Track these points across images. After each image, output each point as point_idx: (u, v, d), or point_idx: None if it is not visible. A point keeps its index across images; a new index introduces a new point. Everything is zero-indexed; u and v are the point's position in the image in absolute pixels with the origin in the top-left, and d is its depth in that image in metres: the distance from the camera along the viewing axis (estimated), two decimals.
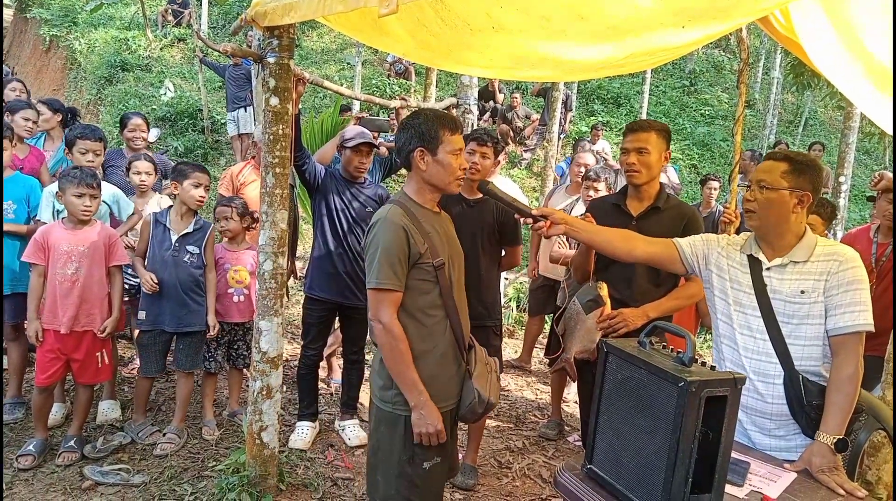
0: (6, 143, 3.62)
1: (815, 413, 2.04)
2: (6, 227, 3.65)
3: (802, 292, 2.05)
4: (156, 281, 3.47)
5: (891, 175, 3.84)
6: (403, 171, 8.72)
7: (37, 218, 3.73)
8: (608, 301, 2.77)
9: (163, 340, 3.58)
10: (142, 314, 3.57)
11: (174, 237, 3.54)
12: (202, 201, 3.58)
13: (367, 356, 4.07)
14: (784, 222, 2.09)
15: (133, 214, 3.99)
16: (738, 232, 3.69)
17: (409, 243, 2.12)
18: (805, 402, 2.05)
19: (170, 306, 3.52)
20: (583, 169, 4.87)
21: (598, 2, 1.84)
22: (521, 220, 2.33)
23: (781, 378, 2.08)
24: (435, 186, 2.23)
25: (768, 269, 2.13)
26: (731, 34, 2.63)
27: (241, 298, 3.83)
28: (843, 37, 2.22)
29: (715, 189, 6.72)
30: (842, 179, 7.33)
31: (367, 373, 3.91)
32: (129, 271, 3.82)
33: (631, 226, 2.88)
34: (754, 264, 2.16)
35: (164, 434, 3.55)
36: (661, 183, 2.97)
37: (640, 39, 2.16)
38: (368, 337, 4.07)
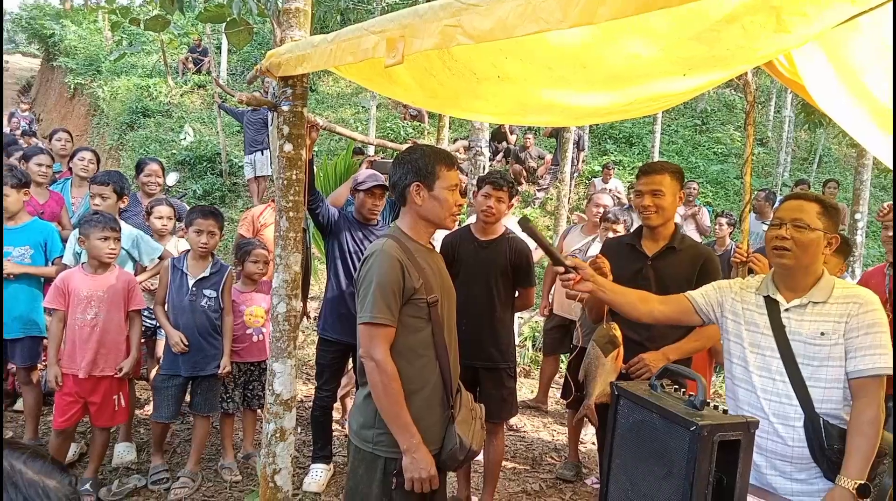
0: (21, 193, 3.71)
1: (836, 457, 2.01)
2: (33, 270, 3.73)
3: (822, 333, 2.04)
4: (187, 343, 3.50)
5: None
6: None
7: (56, 260, 3.81)
8: (622, 342, 2.75)
9: (177, 384, 3.58)
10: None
11: (191, 282, 3.59)
12: (205, 247, 3.59)
13: None
14: (814, 262, 2.10)
15: (162, 259, 4.05)
16: (750, 272, 3.67)
17: (404, 276, 2.07)
18: (826, 445, 2.02)
19: (187, 351, 3.54)
20: (600, 209, 4.88)
21: (598, 51, 1.89)
22: (554, 269, 2.30)
23: (802, 421, 2.06)
24: (430, 222, 2.21)
25: (787, 310, 2.12)
26: (739, 75, 2.67)
27: (260, 337, 3.86)
28: (845, 80, 2.25)
29: (721, 226, 6.68)
30: (857, 215, 7.29)
31: None
32: (146, 312, 3.87)
33: (646, 266, 2.90)
34: (772, 305, 2.16)
35: (178, 478, 3.55)
36: (675, 224, 2.98)
37: (642, 87, 2.21)
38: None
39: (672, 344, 2.80)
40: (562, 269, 2.24)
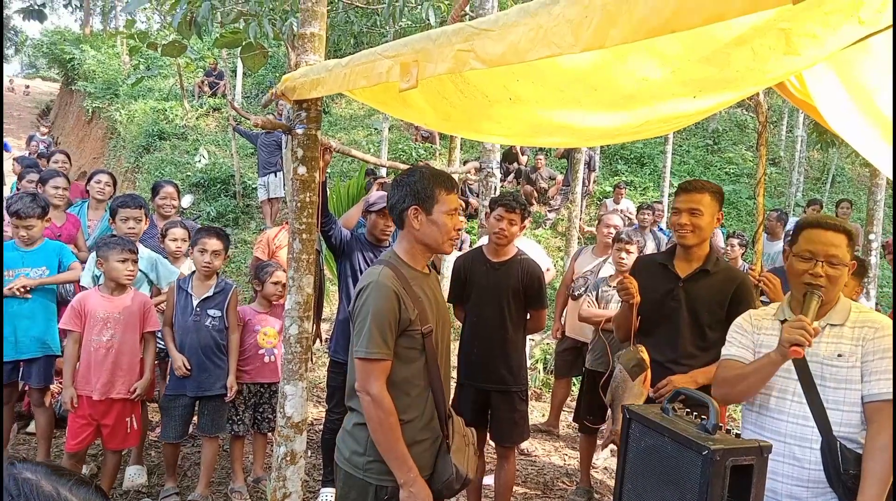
0: (43, 221, 3.76)
1: (851, 483, 1.98)
2: (49, 279, 3.77)
3: (840, 355, 2.04)
4: (188, 367, 3.52)
5: None
6: None
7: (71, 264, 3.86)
8: (650, 365, 2.72)
9: (184, 404, 3.59)
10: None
11: (195, 302, 3.61)
12: (208, 267, 3.61)
13: None
14: (840, 291, 2.12)
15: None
16: (761, 294, 3.63)
17: (400, 308, 2.05)
18: (842, 470, 1.99)
19: (192, 371, 3.55)
20: (612, 230, 4.87)
21: (609, 74, 1.91)
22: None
23: (819, 444, 2.03)
24: (427, 246, 2.18)
25: None
26: (751, 96, 2.67)
27: (272, 358, 3.86)
28: (857, 100, 2.25)
29: (733, 247, 6.64)
30: (871, 236, 7.22)
31: None
32: (159, 333, 3.89)
33: (677, 288, 2.84)
34: None
35: None
36: (711, 245, 2.91)
37: (652, 108, 2.22)
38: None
39: (701, 368, 2.73)
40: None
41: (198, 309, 3.60)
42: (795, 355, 1.95)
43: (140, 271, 3.78)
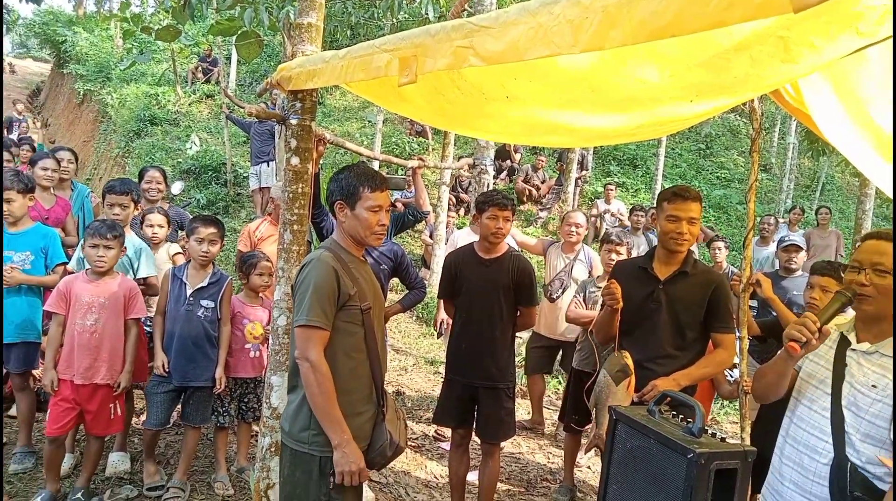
0: (26, 198, 3.71)
1: None
2: (34, 280, 3.71)
3: (874, 386, 1.94)
4: (167, 369, 3.50)
5: None
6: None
7: (56, 267, 3.80)
8: (633, 370, 2.75)
9: (168, 391, 3.54)
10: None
11: (189, 291, 3.58)
12: (205, 257, 3.58)
13: None
14: (892, 305, 1.99)
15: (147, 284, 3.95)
16: (753, 296, 3.64)
17: (339, 283, 2.21)
18: (848, 491, 1.91)
19: (178, 360, 3.51)
20: (573, 229, 4.87)
21: (608, 76, 1.91)
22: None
23: (829, 459, 1.97)
24: (353, 238, 2.34)
25: (853, 349, 2.04)
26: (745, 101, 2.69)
27: (257, 353, 3.84)
28: (850, 110, 2.26)
29: (720, 250, 6.67)
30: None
31: None
32: (149, 321, 3.85)
33: (658, 290, 2.89)
34: (843, 342, 2.09)
35: (167, 488, 3.52)
36: (689, 248, 2.96)
37: (650, 111, 2.22)
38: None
39: (683, 370, 2.78)
40: None
41: (191, 299, 3.57)
42: (792, 350, 1.93)
43: (128, 256, 3.75)
